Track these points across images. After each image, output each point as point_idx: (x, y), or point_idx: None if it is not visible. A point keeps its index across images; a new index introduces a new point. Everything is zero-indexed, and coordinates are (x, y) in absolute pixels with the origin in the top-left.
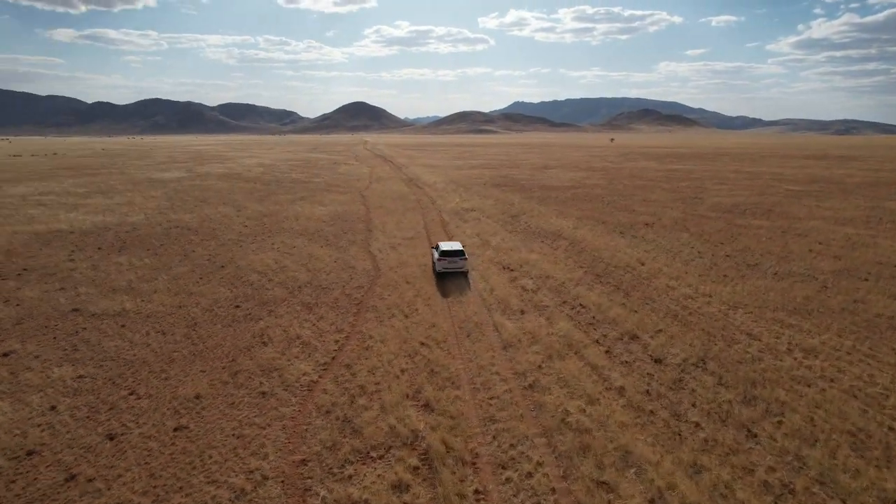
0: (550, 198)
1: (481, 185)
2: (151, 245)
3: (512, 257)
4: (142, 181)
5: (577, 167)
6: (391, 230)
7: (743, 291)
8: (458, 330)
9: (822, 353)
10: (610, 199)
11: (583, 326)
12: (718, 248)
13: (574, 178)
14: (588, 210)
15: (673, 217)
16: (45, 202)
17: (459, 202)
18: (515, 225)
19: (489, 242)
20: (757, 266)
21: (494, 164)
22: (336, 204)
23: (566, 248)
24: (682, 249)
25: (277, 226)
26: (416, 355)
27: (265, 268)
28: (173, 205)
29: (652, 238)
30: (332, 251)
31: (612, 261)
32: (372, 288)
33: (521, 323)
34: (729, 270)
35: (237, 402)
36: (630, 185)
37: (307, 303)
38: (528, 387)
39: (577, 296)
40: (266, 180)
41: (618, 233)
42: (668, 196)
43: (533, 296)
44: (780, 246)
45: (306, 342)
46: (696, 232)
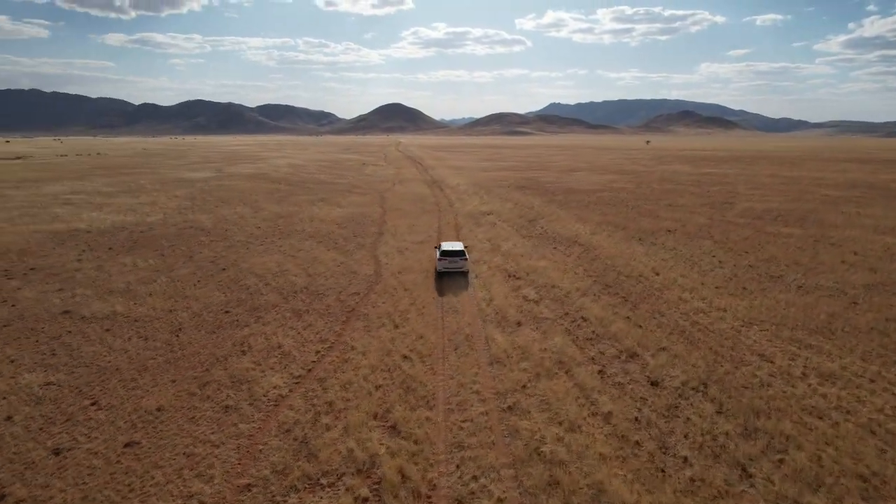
0: (573, 201)
1: (504, 188)
2: (161, 246)
3: (520, 264)
4: (170, 181)
5: (607, 170)
6: (403, 234)
7: (761, 306)
8: (446, 343)
9: (841, 379)
10: (635, 203)
11: (580, 342)
12: (741, 258)
13: (601, 182)
14: (610, 215)
15: (698, 223)
16: (73, 201)
17: (478, 205)
18: (531, 230)
19: (499, 248)
20: (781, 278)
21: (522, 166)
22: (354, 206)
23: (579, 256)
24: (703, 258)
25: (290, 228)
26: (396, 370)
27: (265, 271)
28: (194, 205)
29: (672, 246)
30: (337, 255)
31: (625, 270)
32: (368, 295)
33: (515, 336)
34: (749, 282)
35: (198, 417)
36: (659, 189)
37: (298, 309)
38: (507, 409)
39: (580, 307)
40: (291, 181)
41: (636, 239)
42: (696, 201)
43: (533, 307)
44: (809, 256)
45: (286, 352)
46: (721, 240)
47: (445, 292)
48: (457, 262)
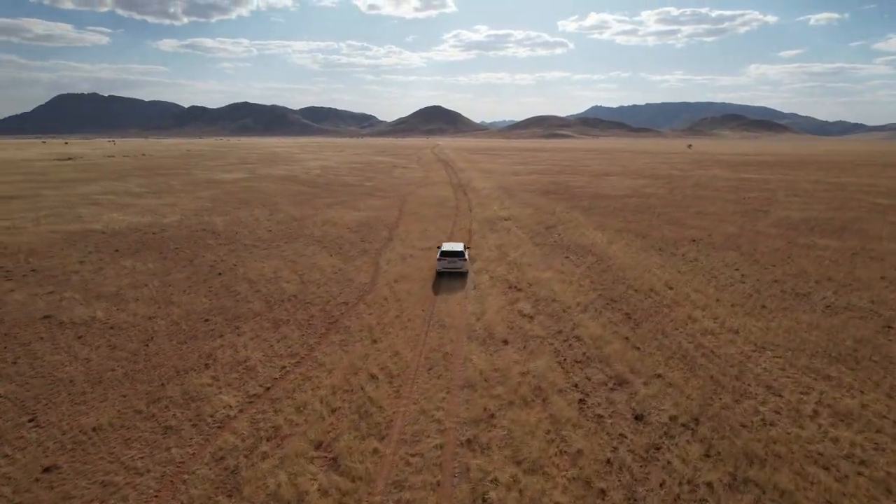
0: (598, 207)
1: (529, 192)
2: (166, 249)
3: (524, 275)
4: (201, 182)
5: (641, 174)
6: (412, 239)
7: (779, 328)
8: (421, 362)
9: (859, 420)
10: (663, 209)
11: (567, 364)
12: (767, 272)
13: (632, 186)
14: (633, 222)
15: (726, 233)
16: (101, 201)
17: (498, 210)
18: (545, 237)
19: (507, 256)
20: (808, 296)
21: (555, 169)
22: (372, 209)
23: (589, 266)
24: (724, 272)
25: (300, 231)
26: (358, 392)
27: (260, 277)
28: (214, 206)
29: (693, 257)
30: (337, 261)
31: (636, 283)
32: (356, 305)
33: (497, 357)
34: (771, 300)
35: (133, 439)
36: (691, 194)
37: (279, 319)
38: (466, 442)
39: (577, 324)
40: (318, 183)
41: (656, 249)
42: (729, 208)
43: (526, 323)
44: (844, 271)
45: (250, 367)
46: (748, 251)
47: (437, 304)
48: (455, 263)
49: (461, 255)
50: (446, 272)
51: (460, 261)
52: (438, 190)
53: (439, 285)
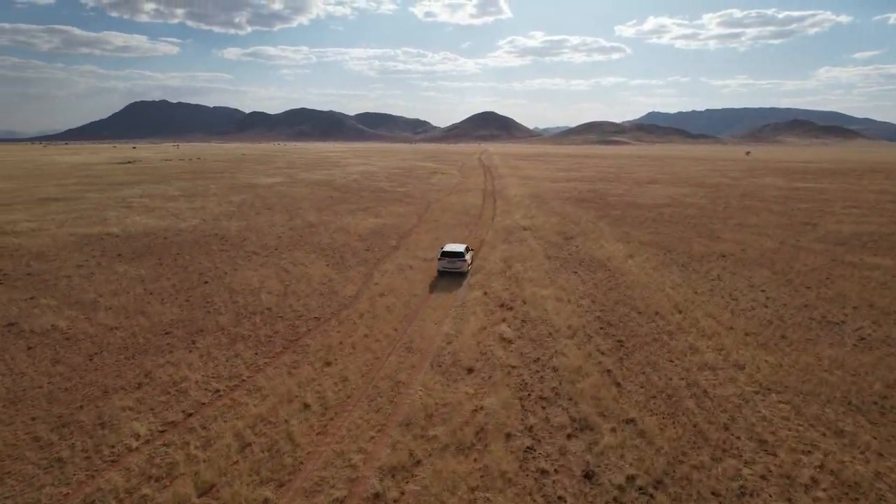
0: (629, 217)
1: (562, 200)
2: (168, 254)
3: (522, 291)
4: (238, 186)
5: (687, 182)
6: (419, 249)
7: (794, 365)
8: (367, 391)
9: (867, 496)
10: (699, 220)
11: (529, 402)
12: (798, 295)
13: (673, 195)
14: (663, 234)
15: (762, 248)
16: (133, 204)
17: (520, 219)
18: (560, 250)
19: (510, 269)
20: (840, 325)
21: (598, 176)
22: (392, 216)
23: (597, 283)
24: (747, 293)
25: (309, 238)
26: (281, 425)
27: (244, 287)
28: (238, 211)
29: (716, 275)
30: (331, 271)
31: (642, 304)
32: (328, 321)
33: (452, 389)
34: (794, 329)
35: (12, 473)
36: (736, 205)
37: (239, 335)
38: (371, 498)
39: (558, 352)
40: (350, 188)
41: (678, 265)
42: (773, 220)
43: (503, 349)
44: (892, 297)
45: (183, 390)
46: (781, 269)
47: (415, 322)
48: (455, 263)
49: (461, 255)
50: (446, 272)
51: (459, 261)
52: (468, 197)
53: (426, 300)
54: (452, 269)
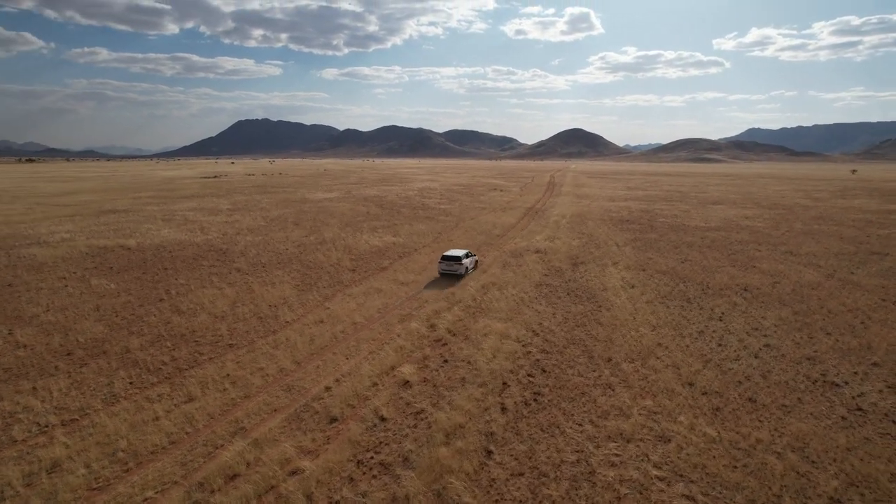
0: (662, 241)
1: (601, 221)
2: (153, 268)
3: (471, 324)
4: (289, 201)
5: (759, 203)
6: (407, 272)
7: (737, 443)
8: (197, 439)
9: None
10: (742, 247)
11: (362, 468)
12: (808, 343)
13: (731, 217)
14: (688, 262)
15: (801, 281)
16: (174, 218)
17: (541, 240)
18: (557, 277)
19: (481, 297)
20: (839, 388)
21: (661, 196)
22: (410, 235)
23: (568, 318)
24: (743, 338)
25: (304, 256)
26: (57, 481)
27: (192, 307)
28: (267, 225)
29: (720, 313)
30: (292, 293)
31: (601, 346)
32: (238, 349)
33: (289, 442)
34: (772, 390)
35: None
36: (801, 229)
37: (133, 360)
38: None
39: (450, 403)
40: (393, 205)
41: (682, 299)
42: (836, 247)
43: (390, 396)
44: None
45: (9, 423)
46: (808, 309)
47: (326, 355)
48: (452, 266)
49: (458, 259)
50: (446, 274)
51: (456, 264)
52: (506, 216)
53: (361, 328)
54: (450, 272)
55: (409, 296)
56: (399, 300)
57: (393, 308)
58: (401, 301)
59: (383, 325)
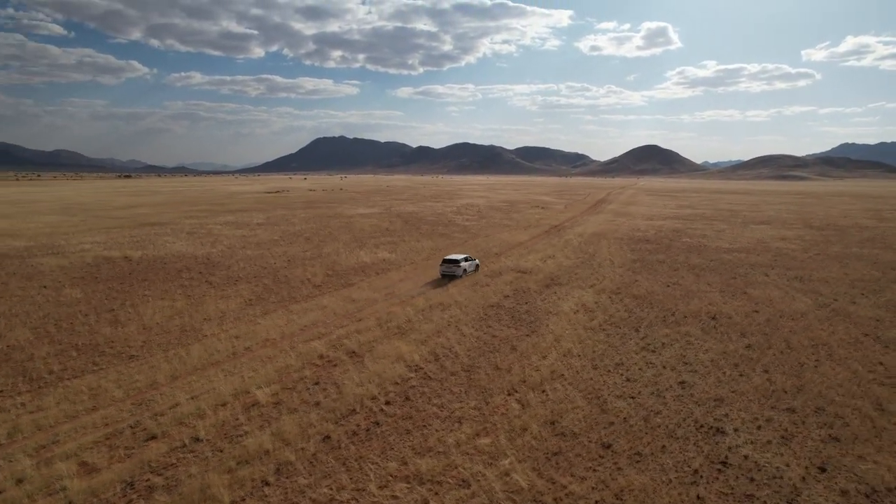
0: (667, 262)
1: (614, 241)
2: (131, 279)
3: (379, 346)
4: (322, 216)
5: (808, 224)
6: (371, 289)
7: (561, 498)
8: None
9: None
10: (751, 270)
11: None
12: (726, 383)
13: (764, 239)
14: (676, 285)
15: (787, 310)
16: (199, 231)
17: (534, 259)
18: (516, 299)
19: (416, 318)
20: (718, 435)
21: (704, 215)
22: (407, 251)
23: (484, 344)
24: (659, 373)
25: (285, 271)
26: None
27: (132, 318)
28: (277, 240)
29: (661, 344)
30: (236, 307)
31: (495, 375)
32: (135, 359)
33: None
34: (653, 435)
35: None
36: (835, 252)
37: (22, 367)
38: None
39: (243, 434)
40: (419, 221)
41: (628, 328)
42: (859, 274)
43: (187, 424)
44: (867, 398)
45: None
46: (766, 343)
47: (187, 376)
48: (451, 268)
49: (457, 262)
50: (446, 275)
51: (455, 267)
52: (520, 234)
53: (254, 348)
54: (450, 273)
55: (347, 313)
56: (333, 317)
57: (318, 325)
58: (333, 318)
59: (289, 343)
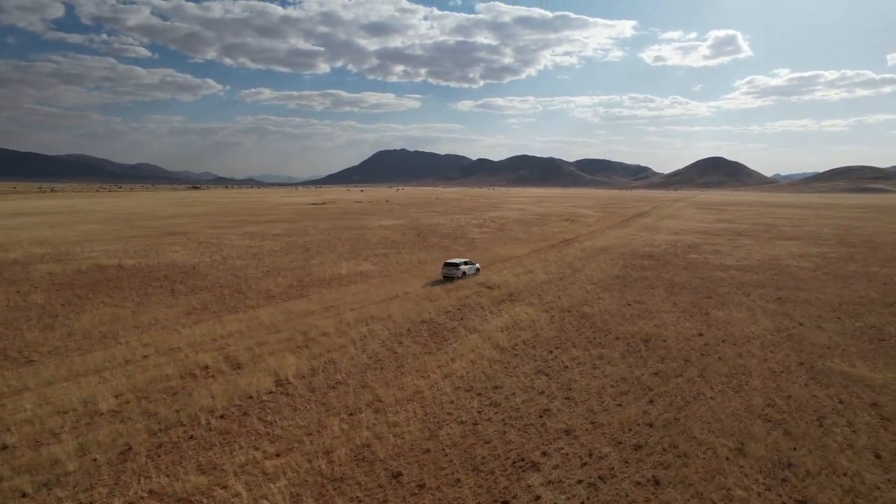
0: (647, 280)
1: (615, 256)
2: (104, 287)
3: (263, 363)
4: (342, 228)
5: (843, 241)
6: (322, 301)
7: None
8: None
9: None
10: (729, 290)
11: None
12: (611, 411)
13: (777, 256)
14: (634, 303)
15: (736, 333)
16: (208, 241)
17: (510, 274)
18: (450, 316)
19: (314, 333)
20: (532, 474)
21: (733, 230)
22: (394, 264)
23: (356, 365)
24: (531, 399)
25: (252, 282)
26: None
27: (66, 323)
28: (279, 250)
29: (562, 366)
30: (175, 315)
31: (326, 394)
32: (32, 363)
33: None
34: (454, 466)
35: None
36: (849, 271)
37: None
38: None
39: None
40: (434, 233)
41: (543, 348)
42: (854, 296)
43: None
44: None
45: None
46: (677, 370)
47: (61, 382)
48: (451, 271)
49: (456, 266)
50: (448, 276)
51: (454, 269)
52: (524, 248)
53: (150, 356)
54: (450, 275)
55: (272, 324)
56: (254, 329)
57: (234, 336)
58: (254, 329)
59: (188, 353)
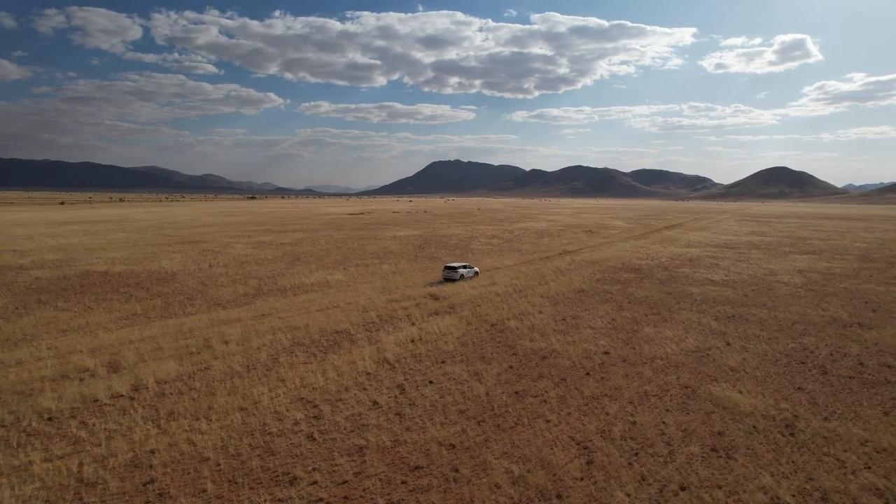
0: (611, 294)
1: (600, 269)
2: (75, 291)
3: (149, 369)
4: (352, 238)
5: (863, 257)
6: (268, 309)
7: None
8: None
9: None
10: (689, 306)
11: None
12: (428, 428)
13: (775, 271)
14: (570, 318)
15: (648, 354)
16: (214, 250)
17: (469, 287)
18: (365, 328)
19: (225, 343)
20: (296, 486)
21: (748, 243)
22: (367, 274)
23: (210, 379)
24: (353, 420)
25: (212, 290)
26: None
27: (8, 326)
28: (273, 258)
29: (426, 382)
30: (110, 319)
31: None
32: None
33: None
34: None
35: None
36: (843, 287)
37: None
38: None
39: None
40: (438, 244)
41: (433, 362)
42: (823, 314)
43: None
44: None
45: None
46: (541, 389)
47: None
48: (451, 273)
49: (455, 269)
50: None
51: (453, 272)
52: (511, 259)
53: (61, 357)
54: (450, 277)
55: (188, 330)
56: (169, 334)
57: (144, 341)
58: (168, 335)
59: (83, 356)
